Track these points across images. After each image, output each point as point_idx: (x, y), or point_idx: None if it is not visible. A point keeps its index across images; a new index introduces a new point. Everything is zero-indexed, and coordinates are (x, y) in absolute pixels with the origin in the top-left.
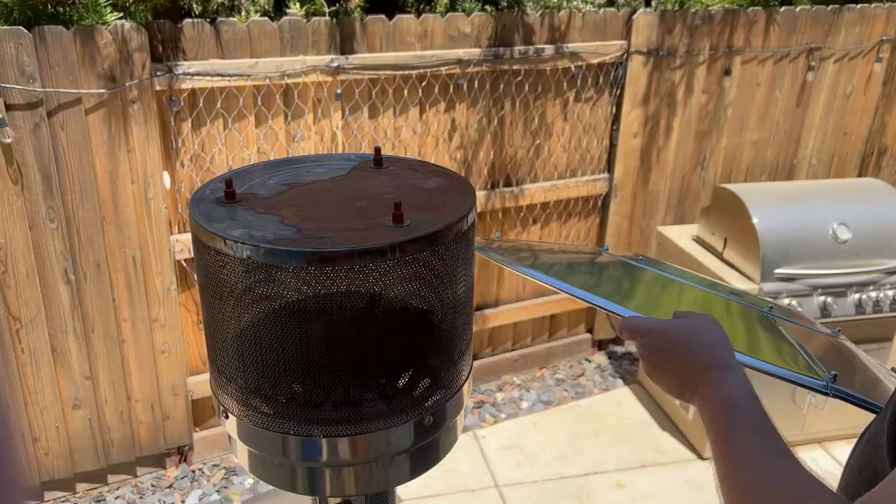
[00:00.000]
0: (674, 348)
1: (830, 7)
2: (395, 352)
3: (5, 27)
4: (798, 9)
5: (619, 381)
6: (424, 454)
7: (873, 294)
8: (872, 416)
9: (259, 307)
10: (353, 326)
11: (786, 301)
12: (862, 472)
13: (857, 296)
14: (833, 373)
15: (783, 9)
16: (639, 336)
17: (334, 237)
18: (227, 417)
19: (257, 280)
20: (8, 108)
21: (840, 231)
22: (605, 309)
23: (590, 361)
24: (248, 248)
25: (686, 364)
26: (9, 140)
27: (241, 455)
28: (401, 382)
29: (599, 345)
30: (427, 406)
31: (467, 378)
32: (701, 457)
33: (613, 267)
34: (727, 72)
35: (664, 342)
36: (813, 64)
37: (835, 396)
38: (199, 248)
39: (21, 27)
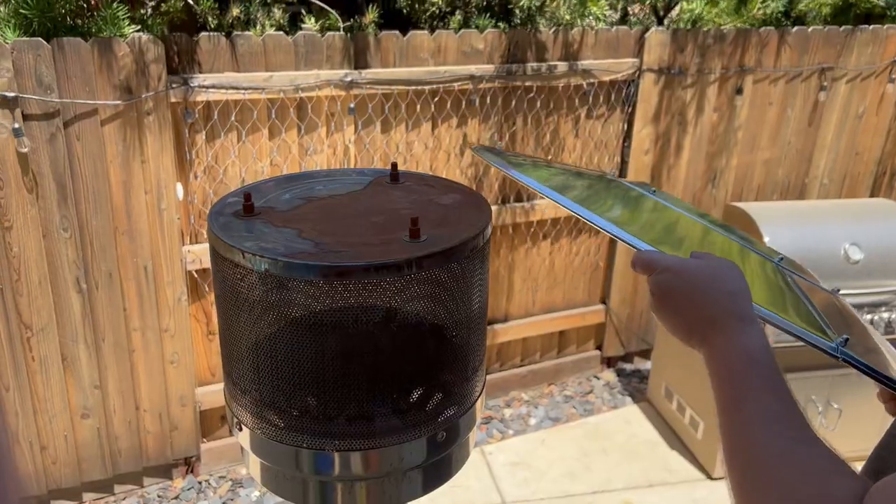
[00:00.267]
0: (691, 290)
1: (843, 28)
2: (409, 367)
3: (25, 38)
4: (810, 29)
5: (628, 399)
6: (437, 470)
7: (885, 315)
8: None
9: (275, 320)
10: (368, 340)
11: None
12: (877, 463)
13: (868, 316)
14: (844, 336)
15: (795, 29)
16: (654, 272)
17: (351, 251)
18: (240, 429)
19: (274, 293)
20: (25, 117)
21: (852, 251)
22: (612, 234)
23: (598, 378)
24: (266, 262)
25: (701, 308)
26: (25, 149)
27: (253, 467)
28: (414, 397)
29: (608, 362)
30: (440, 421)
31: (480, 394)
32: (710, 476)
33: (618, 189)
34: (739, 91)
35: (680, 282)
36: (825, 84)
37: (844, 361)
38: (217, 260)
39: (40, 38)
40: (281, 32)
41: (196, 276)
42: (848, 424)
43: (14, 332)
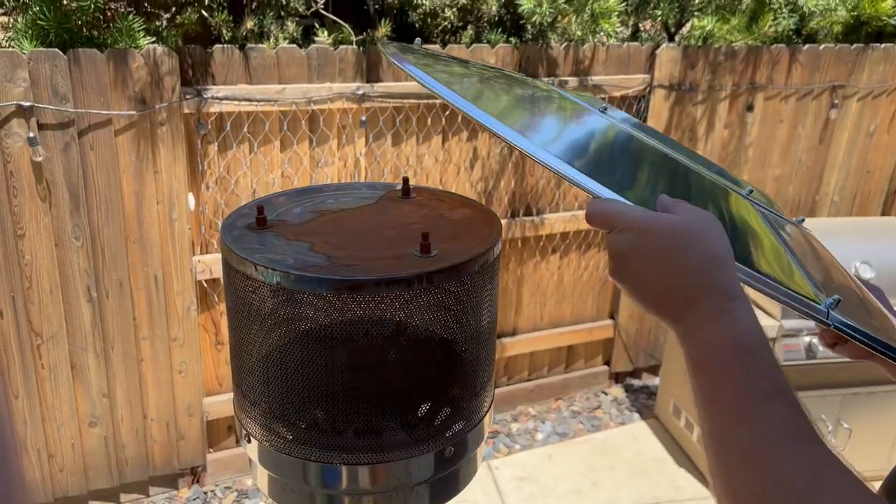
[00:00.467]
0: (662, 254)
1: (854, 46)
2: (418, 381)
3: (41, 49)
4: (822, 47)
5: (636, 415)
6: (444, 485)
7: None
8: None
9: (286, 332)
10: (378, 354)
11: (806, 339)
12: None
13: None
14: (836, 297)
15: (806, 47)
16: (616, 228)
17: (363, 265)
18: (249, 441)
19: (286, 306)
20: (40, 127)
21: (862, 269)
22: (552, 166)
23: (606, 394)
24: (279, 275)
25: (675, 278)
26: (39, 158)
27: (260, 479)
28: (422, 412)
29: (616, 377)
30: (448, 437)
31: (488, 409)
32: None
33: (558, 101)
34: (750, 108)
35: (651, 242)
36: (836, 102)
37: (835, 329)
38: (229, 272)
39: (56, 49)
40: (294, 45)
41: (206, 286)
42: (858, 444)
43: (24, 340)
